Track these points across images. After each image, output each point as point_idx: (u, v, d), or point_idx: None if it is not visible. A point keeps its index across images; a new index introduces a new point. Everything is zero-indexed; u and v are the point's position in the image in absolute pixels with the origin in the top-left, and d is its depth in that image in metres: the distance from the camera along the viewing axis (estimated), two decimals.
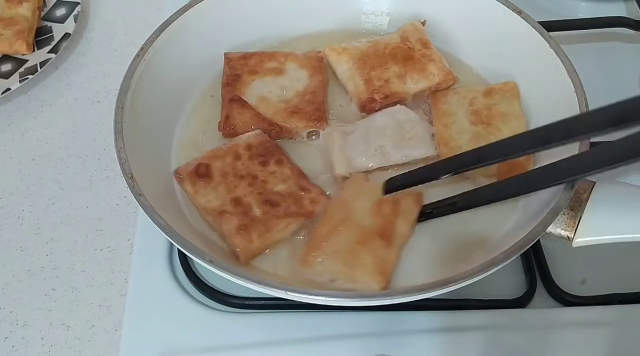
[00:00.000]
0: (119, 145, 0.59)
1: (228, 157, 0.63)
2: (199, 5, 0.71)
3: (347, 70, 0.70)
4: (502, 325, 0.62)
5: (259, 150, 0.64)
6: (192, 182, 0.61)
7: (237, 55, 0.72)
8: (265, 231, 0.58)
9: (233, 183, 0.61)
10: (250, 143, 0.64)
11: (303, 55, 0.72)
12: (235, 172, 0.62)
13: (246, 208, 0.59)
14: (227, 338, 0.62)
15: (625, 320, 0.63)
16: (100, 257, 0.72)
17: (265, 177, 0.62)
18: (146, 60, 0.66)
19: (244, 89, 0.69)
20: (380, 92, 0.68)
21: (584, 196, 0.57)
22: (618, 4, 0.93)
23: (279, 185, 0.61)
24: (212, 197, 0.60)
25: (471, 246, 0.60)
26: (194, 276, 0.65)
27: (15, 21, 0.88)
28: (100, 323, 0.67)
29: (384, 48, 0.71)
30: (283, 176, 0.62)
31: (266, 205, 0.60)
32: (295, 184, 0.62)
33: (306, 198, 0.61)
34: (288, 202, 0.60)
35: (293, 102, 0.68)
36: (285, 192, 0.61)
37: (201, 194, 0.61)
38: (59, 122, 0.85)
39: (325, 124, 0.67)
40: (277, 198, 0.60)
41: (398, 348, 0.60)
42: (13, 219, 0.76)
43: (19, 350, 0.66)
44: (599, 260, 0.66)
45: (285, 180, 0.62)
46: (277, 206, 0.60)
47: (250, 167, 0.62)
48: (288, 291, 0.51)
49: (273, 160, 0.63)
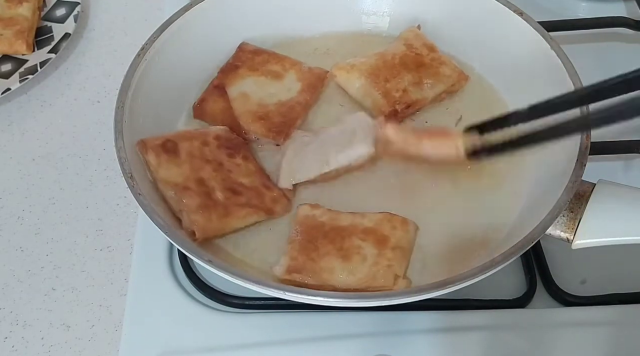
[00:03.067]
0: (119, 145, 0.59)
1: (196, 141, 0.63)
2: (199, 5, 0.71)
3: (360, 87, 0.69)
4: (502, 325, 0.62)
5: (227, 142, 0.64)
6: (156, 153, 0.61)
7: (250, 48, 0.72)
8: (225, 215, 0.59)
9: (198, 165, 0.61)
10: (219, 135, 0.65)
11: (309, 69, 0.71)
12: (202, 156, 0.62)
13: (209, 190, 0.60)
14: (227, 338, 0.61)
15: (625, 320, 0.63)
16: (100, 256, 0.72)
17: (231, 167, 0.62)
18: (147, 60, 0.66)
19: (234, 80, 0.69)
20: (402, 103, 0.68)
21: (583, 197, 0.57)
22: (618, 4, 0.93)
23: (243, 178, 0.62)
24: (175, 172, 0.60)
25: (471, 247, 0.60)
26: (194, 277, 0.65)
27: (15, 21, 0.88)
28: (100, 323, 0.67)
29: (392, 58, 0.70)
30: (248, 171, 0.63)
31: (229, 192, 0.60)
32: (258, 181, 0.62)
33: (268, 196, 0.61)
34: (250, 194, 0.61)
35: (268, 109, 0.68)
36: (249, 185, 0.61)
37: (164, 167, 0.60)
38: (59, 122, 0.85)
39: (283, 139, 0.66)
40: (241, 189, 0.61)
41: (398, 348, 0.60)
42: (13, 219, 0.75)
43: (19, 350, 0.66)
44: (599, 260, 0.66)
45: (250, 175, 0.62)
46: (240, 195, 0.60)
47: (216, 155, 0.63)
48: (287, 291, 0.51)
49: (240, 154, 0.64)
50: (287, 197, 0.63)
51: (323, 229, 0.58)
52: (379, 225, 0.59)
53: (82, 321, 0.67)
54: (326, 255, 0.57)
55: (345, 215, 0.60)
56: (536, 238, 0.54)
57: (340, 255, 0.57)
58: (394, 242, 0.58)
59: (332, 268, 0.56)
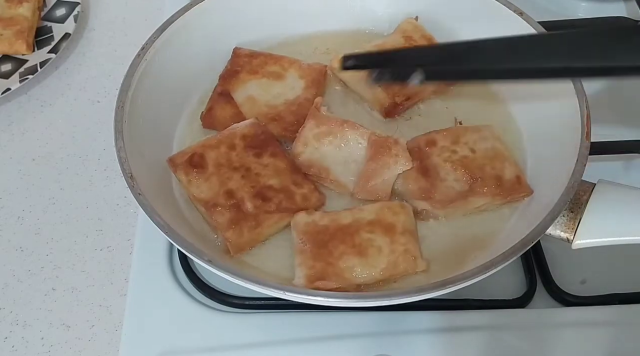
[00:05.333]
0: (119, 145, 0.59)
1: (222, 147, 0.63)
2: (199, 6, 0.71)
3: (360, 79, 0.68)
4: (502, 325, 0.62)
5: (254, 141, 0.63)
6: (185, 171, 0.61)
7: (245, 52, 0.72)
8: (256, 226, 0.59)
9: (226, 175, 0.61)
10: (245, 133, 0.64)
11: (308, 65, 0.71)
12: (229, 163, 0.62)
13: (238, 202, 0.60)
14: (227, 338, 0.62)
15: (625, 320, 0.63)
16: (100, 256, 0.72)
17: (259, 169, 0.62)
18: (147, 60, 0.66)
19: (237, 86, 0.69)
20: (402, 95, 0.67)
21: (583, 198, 0.57)
22: (618, 4, 0.93)
23: (272, 179, 0.61)
24: (204, 187, 0.61)
25: (471, 247, 0.60)
26: (194, 277, 0.65)
27: (15, 21, 0.89)
28: (100, 323, 0.67)
29: None
30: (277, 169, 0.62)
31: (258, 199, 0.60)
32: (288, 178, 0.62)
33: (298, 194, 0.61)
34: (280, 196, 0.60)
35: (278, 109, 0.68)
36: (278, 186, 0.61)
37: (194, 184, 0.61)
38: (59, 122, 0.85)
39: None
40: (270, 193, 0.60)
41: (398, 348, 0.60)
42: (13, 219, 0.76)
43: (19, 350, 0.66)
44: (599, 260, 0.66)
45: (279, 174, 0.62)
46: (269, 201, 0.60)
47: (244, 158, 0.62)
48: (286, 291, 0.51)
49: (268, 152, 0.63)
50: (319, 191, 0.63)
51: (328, 232, 0.58)
52: (380, 214, 0.59)
53: (82, 321, 0.67)
54: (342, 255, 0.56)
55: (344, 213, 0.60)
56: (536, 239, 0.54)
57: (356, 252, 0.57)
58: (401, 226, 0.58)
59: (353, 267, 0.56)
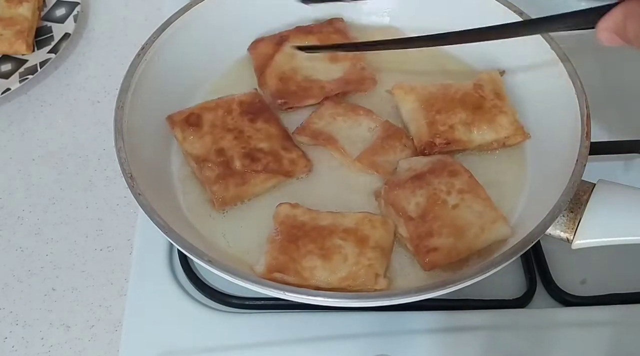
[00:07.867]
0: (119, 145, 0.59)
1: (219, 110, 0.66)
2: (199, 6, 0.71)
3: (411, 110, 0.67)
4: (502, 325, 0.62)
5: (250, 107, 0.66)
6: (182, 128, 0.65)
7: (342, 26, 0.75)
8: (242, 183, 0.62)
9: (220, 135, 0.64)
10: (243, 100, 0.67)
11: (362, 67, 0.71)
12: (224, 125, 0.65)
13: (228, 160, 0.63)
14: (227, 338, 0.62)
15: (625, 320, 0.63)
16: (100, 257, 0.72)
17: (251, 133, 0.65)
18: (147, 60, 0.66)
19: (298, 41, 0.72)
20: (443, 137, 0.65)
21: (583, 198, 0.57)
22: None
23: (262, 143, 0.64)
24: (198, 144, 0.64)
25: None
26: (194, 277, 0.65)
27: (15, 21, 0.88)
28: (100, 323, 0.67)
29: (454, 93, 0.68)
30: (268, 134, 0.65)
31: (247, 159, 0.63)
32: (278, 143, 0.64)
33: (287, 158, 0.64)
34: (269, 158, 0.63)
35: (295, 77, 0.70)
36: (267, 149, 0.64)
37: (189, 141, 0.64)
38: (59, 122, 0.85)
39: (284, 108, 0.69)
40: (259, 155, 0.63)
41: (398, 348, 0.60)
42: (13, 219, 0.75)
43: (19, 350, 0.66)
44: (599, 260, 0.66)
45: (270, 139, 0.65)
46: (257, 161, 0.63)
47: (238, 122, 0.65)
48: (286, 291, 0.51)
49: (262, 117, 0.66)
50: (307, 158, 0.65)
51: (304, 229, 0.59)
52: (359, 224, 0.59)
53: (82, 321, 0.67)
54: (307, 254, 0.57)
55: (326, 214, 0.60)
56: (536, 238, 0.54)
57: (321, 254, 0.57)
58: (374, 241, 0.58)
59: (314, 267, 0.56)
